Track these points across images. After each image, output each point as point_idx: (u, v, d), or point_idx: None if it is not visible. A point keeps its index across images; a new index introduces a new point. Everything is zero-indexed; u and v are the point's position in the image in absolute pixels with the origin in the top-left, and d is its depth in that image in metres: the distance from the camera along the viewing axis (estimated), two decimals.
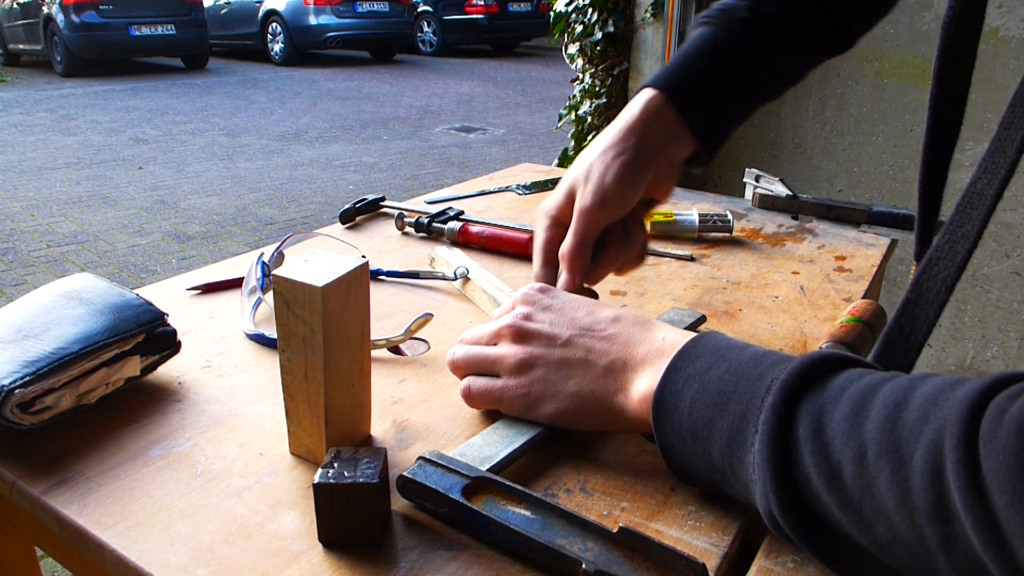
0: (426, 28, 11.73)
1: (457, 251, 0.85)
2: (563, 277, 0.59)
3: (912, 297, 0.45)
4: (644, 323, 0.50)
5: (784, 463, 0.36)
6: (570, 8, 2.36)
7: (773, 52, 0.62)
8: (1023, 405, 0.28)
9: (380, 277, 0.81)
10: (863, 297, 0.77)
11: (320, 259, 0.48)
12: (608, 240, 0.61)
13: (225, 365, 0.63)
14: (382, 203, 1.06)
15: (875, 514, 0.32)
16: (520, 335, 0.52)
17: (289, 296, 0.46)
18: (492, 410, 0.55)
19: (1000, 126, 0.42)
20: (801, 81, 0.67)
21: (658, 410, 0.44)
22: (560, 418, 0.50)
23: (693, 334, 0.47)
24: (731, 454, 0.39)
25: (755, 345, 0.44)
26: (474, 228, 0.91)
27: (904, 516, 0.31)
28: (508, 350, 0.52)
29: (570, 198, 0.60)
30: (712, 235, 0.96)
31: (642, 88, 0.61)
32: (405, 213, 0.98)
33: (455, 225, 0.92)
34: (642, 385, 0.46)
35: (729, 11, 0.62)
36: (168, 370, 0.61)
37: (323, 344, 0.46)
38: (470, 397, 0.54)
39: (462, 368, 0.55)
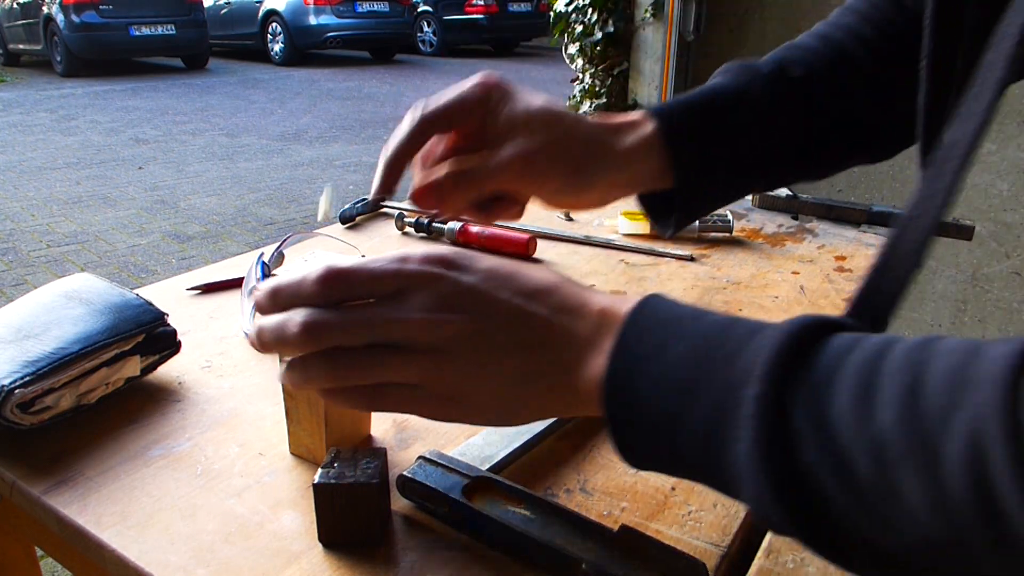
0: (426, 28, 11.73)
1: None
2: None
3: (889, 248, 0.40)
4: (578, 289, 0.41)
5: (782, 463, 0.32)
6: (570, 8, 2.36)
7: (789, 120, 0.54)
8: None
9: None
10: None
11: (320, 259, 0.48)
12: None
13: (225, 365, 0.63)
14: (382, 203, 1.06)
15: (901, 516, 0.29)
16: (433, 333, 0.39)
17: None
18: None
19: (983, 68, 0.37)
20: (817, 179, 0.57)
21: (610, 402, 0.37)
22: (495, 420, 0.41)
23: (632, 299, 0.39)
24: (707, 451, 0.35)
25: (704, 309, 0.38)
26: (474, 228, 0.91)
27: (939, 519, 0.28)
28: (416, 354, 0.39)
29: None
30: (712, 235, 0.96)
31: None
32: (405, 213, 0.98)
33: (455, 225, 0.92)
34: (590, 368, 0.38)
35: (751, 65, 0.54)
36: (168, 370, 0.61)
37: None
38: (359, 405, 0.40)
39: (322, 382, 0.39)
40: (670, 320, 0.37)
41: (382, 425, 0.54)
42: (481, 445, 0.49)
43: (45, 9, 9.07)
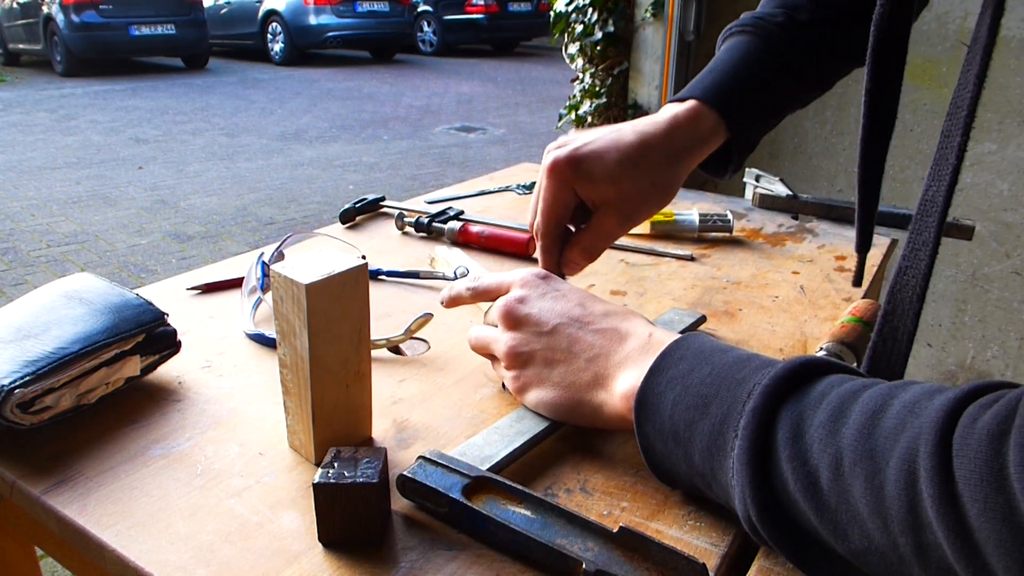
0: (426, 28, 11.73)
1: (457, 251, 0.85)
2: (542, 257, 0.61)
3: (889, 309, 0.46)
4: (634, 319, 0.50)
5: (762, 469, 0.36)
6: (570, 8, 2.36)
7: (807, 60, 0.63)
8: (995, 414, 0.28)
9: (380, 277, 0.81)
10: (863, 297, 0.78)
11: (320, 257, 0.48)
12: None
13: (225, 365, 0.63)
14: (382, 203, 1.06)
15: (850, 521, 0.32)
16: (510, 320, 0.53)
17: (283, 292, 0.46)
18: (491, 406, 0.55)
19: (941, 135, 0.44)
20: (829, 90, 0.69)
21: (640, 411, 0.44)
22: (544, 408, 0.51)
23: (679, 335, 0.47)
24: (711, 458, 0.40)
25: (740, 348, 0.44)
26: (474, 228, 0.91)
27: (878, 524, 0.31)
28: (501, 336, 0.53)
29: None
30: (712, 235, 0.96)
31: (685, 99, 0.60)
32: (405, 213, 0.98)
33: (455, 225, 0.92)
34: (624, 383, 0.46)
35: (764, 19, 0.62)
36: (168, 370, 0.61)
37: (309, 341, 0.46)
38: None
39: (474, 349, 0.58)
40: (702, 351, 0.44)
41: (382, 425, 0.54)
42: (481, 445, 0.49)
43: (45, 9, 9.07)
